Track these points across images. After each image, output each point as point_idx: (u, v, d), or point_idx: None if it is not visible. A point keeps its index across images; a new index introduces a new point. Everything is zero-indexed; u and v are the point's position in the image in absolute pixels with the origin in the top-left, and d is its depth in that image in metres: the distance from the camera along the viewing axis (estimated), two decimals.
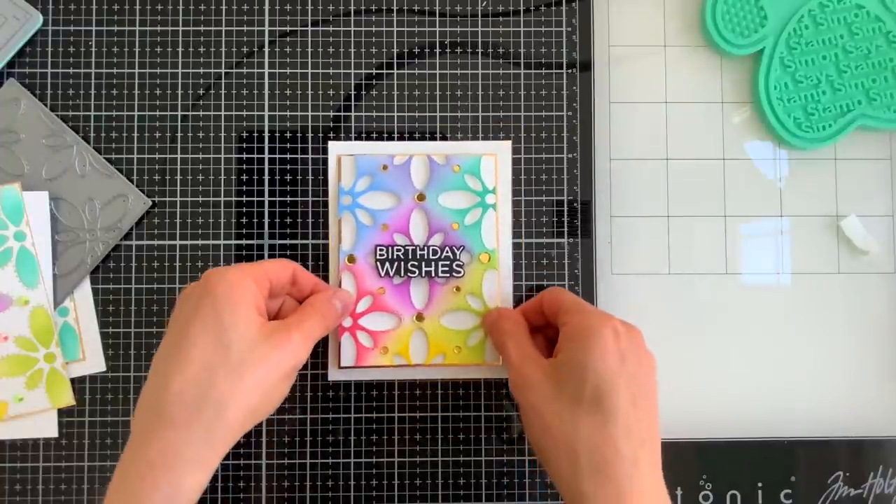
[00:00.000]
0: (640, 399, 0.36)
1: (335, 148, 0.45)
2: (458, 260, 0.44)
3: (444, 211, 0.44)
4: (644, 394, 0.37)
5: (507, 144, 0.45)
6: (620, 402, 0.36)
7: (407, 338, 0.44)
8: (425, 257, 0.44)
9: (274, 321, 0.37)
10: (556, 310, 0.40)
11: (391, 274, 0.44)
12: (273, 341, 0.36)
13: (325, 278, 0.44)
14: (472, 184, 0.44)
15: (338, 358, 0.44)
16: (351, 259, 0.44)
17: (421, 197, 0.44)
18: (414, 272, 0.44)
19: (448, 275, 0.44)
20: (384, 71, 0.46)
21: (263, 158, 0.45)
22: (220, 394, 0.34)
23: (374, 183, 0.44)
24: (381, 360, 0.44)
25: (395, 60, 0.46)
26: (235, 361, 0.34)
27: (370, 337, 0.44)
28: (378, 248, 0.44)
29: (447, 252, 0.44)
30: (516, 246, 0.45)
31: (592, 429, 0.36)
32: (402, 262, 0.44)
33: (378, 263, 0.44)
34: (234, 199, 0.45)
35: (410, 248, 0.44)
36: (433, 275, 0.44)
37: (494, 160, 0.45)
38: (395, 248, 0.44)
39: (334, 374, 0.44)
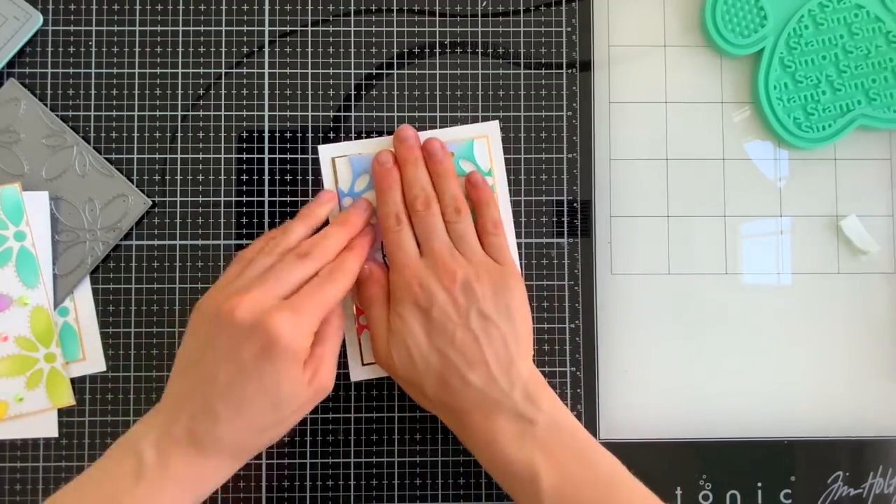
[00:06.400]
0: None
1: (326, 151, 0.45)
2: None
3: None
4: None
5: (496, 125, 0.45)
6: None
7: None
8: None
9: (311, 371, 0.38)
10: None
11: None
12: (316, 397, 0.38)
13: None
14: (468, 168, 0.44)
15: (359, 356, 0.44)
16: None
17: None
18: None
19: None
20: (384, 71, 0.46)
21: (263, 158, 0.45)
22: (259, 445, 0.38)
23: (372, 180, 0.44)
24: None
25: (395, 60, 0.46)
26: (282, 423, 0.38)
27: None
28: (384, 243, 0.44)
29: None
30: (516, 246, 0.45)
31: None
32: None
33: (385, 259, 0.44)
34: (234, 199, 0.45)
35: None
36: None
37: (486, 142, 0.45)
38: None
39: (357, 374, 0.44)
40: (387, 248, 0.42)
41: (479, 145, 0.45)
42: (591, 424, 0.45)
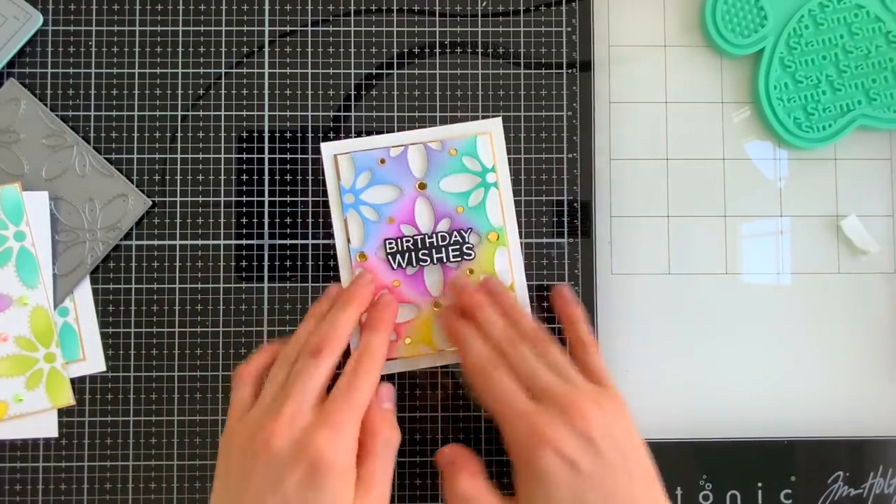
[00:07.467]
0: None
1: (328, 149, 0.45)
2: (468, 242, 0.44)
3: (446, 196, 0.44)
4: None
5: (499, 121, 0.45)
6: None
7: (428, 326, 0.44)
8: (435, 244, 0.44)
9: (361, 494, 0.34)
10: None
11: (403, 265, 0.44)
12: None
13: (333, 278, 0.44)
14: (471, 165, 0.45)
15: None
16: (362, 256, 0.44)
17: (422, 185, 0.44)
18: (426, 260, 0.44)
19: (459, 258, 0.44)
20: (384, 71, 0.46)
21: (263, 158, 0.45)
22: None
23: (373, 178, 0.44)
24: (406, 352, 0.44)
25: (395, 60, 0.46)
26: None
27: (392, 330, 0.44)
28: (387, 241, 0.44)
29: (456, 236, 0.44)
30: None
31: None
32: (413, 252, 0.44)
33: (389, 257, 0.44)
34: (234, 199, 0.45)
35: (419, 237, 0.44)
36: (445, 260, 0.44)
37: (489, 138, 0.45)
38: (404, 239, 0.44)
39: None
40: (489, 403, 0.38)
41: (483, 141, 0.45)
42: None
